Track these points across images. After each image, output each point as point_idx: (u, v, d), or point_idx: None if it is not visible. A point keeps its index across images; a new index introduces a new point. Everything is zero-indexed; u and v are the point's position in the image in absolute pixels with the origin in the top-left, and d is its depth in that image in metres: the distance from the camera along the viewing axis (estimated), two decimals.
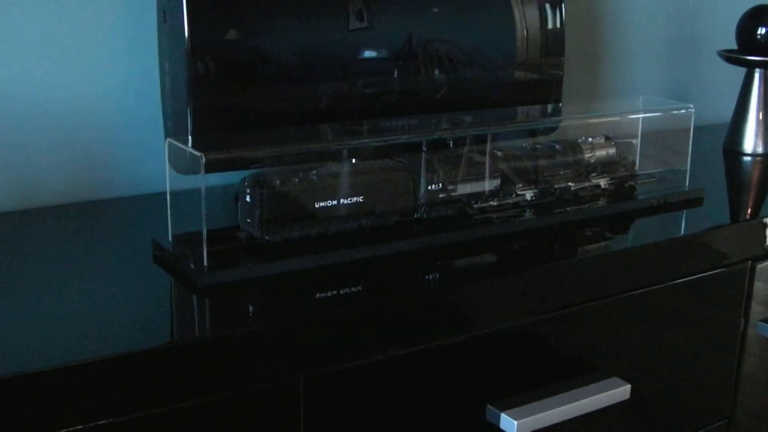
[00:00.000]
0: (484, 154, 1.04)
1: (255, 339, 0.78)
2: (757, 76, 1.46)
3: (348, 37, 1.11)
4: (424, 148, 0.99)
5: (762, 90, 1.46)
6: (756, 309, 1.15)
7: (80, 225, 1.08)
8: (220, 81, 1.01)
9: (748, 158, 1.46)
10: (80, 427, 0.70)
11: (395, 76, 1.14)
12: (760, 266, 1.13)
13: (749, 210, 1.25)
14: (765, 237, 1.14)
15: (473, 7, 1.19)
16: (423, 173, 0.99)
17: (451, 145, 1.02)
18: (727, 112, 1.51)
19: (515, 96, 1.22)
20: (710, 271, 1.09)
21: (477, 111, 1.15)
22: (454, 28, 1.18)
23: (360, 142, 0.98)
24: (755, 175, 1.43)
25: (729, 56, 1.47)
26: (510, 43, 1.21)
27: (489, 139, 1.04)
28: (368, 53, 1.13)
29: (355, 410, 0.85)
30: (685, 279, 1.07)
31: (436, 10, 1.17)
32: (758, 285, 1.14)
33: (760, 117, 1.46)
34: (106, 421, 0.71)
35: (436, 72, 1.16)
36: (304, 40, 1.07)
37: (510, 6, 1.20)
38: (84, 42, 1.12)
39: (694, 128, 1.45)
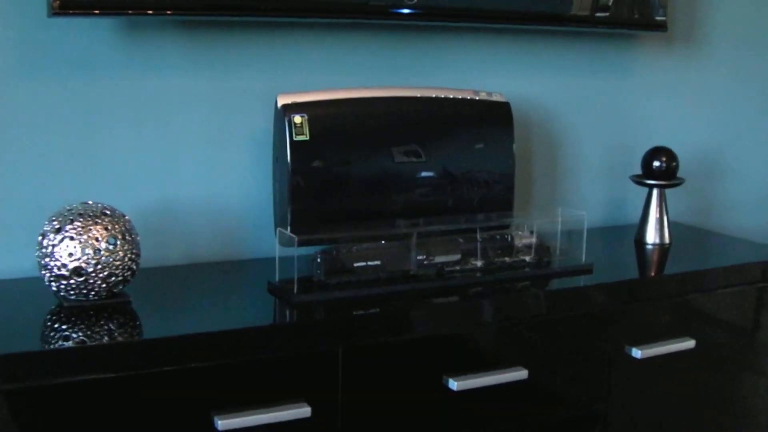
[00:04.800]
0: (453, 240, 1.84)
1: (320, 324, 1.60)
2: (654, 193, 2.23)
3: (393, 166, 1.91)
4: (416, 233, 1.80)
5: (657, 202, 2.22)
6: (621, 334, 1.91)
7: (224, 273, 1.90)
8: (308, 195, 1.82)
9: (649, 246, 2.22)
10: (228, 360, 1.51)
11: (413, 191, 1.94)
12: (625, 308, 1.90)
13: (628, 275, 2.04)
14: (626, 291, 1.91)
15: (466, 150, 1.99)
16: (415, 249, 1.79)
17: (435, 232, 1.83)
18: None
19: (485, 204, 2.01)
20: (590, 310, 1.87)
21: (459, 214, 1.94)
22: (456, 164, 1.97)
23: (378, 232, 1.79)
24: (646, 256, 2.19)
25: (636, 180, 2.24)
26: (484, 173, 2.00)
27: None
28: (400, 177, 1.93)
29: (373, 369, 1.64)
30: (574, 312, 1.85)
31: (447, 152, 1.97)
32: (625, 319, 1.91)
33: (656, 219, 2.22)
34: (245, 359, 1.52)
35: (440, 189, 1.96)
36: (356, 169, 1.88)
37: (484, 149, 2.00)
38: (231, 168, 1.96)
39: (621, 225, 2.23)
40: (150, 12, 1.72)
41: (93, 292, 1.57)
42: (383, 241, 1.79)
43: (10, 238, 1.79)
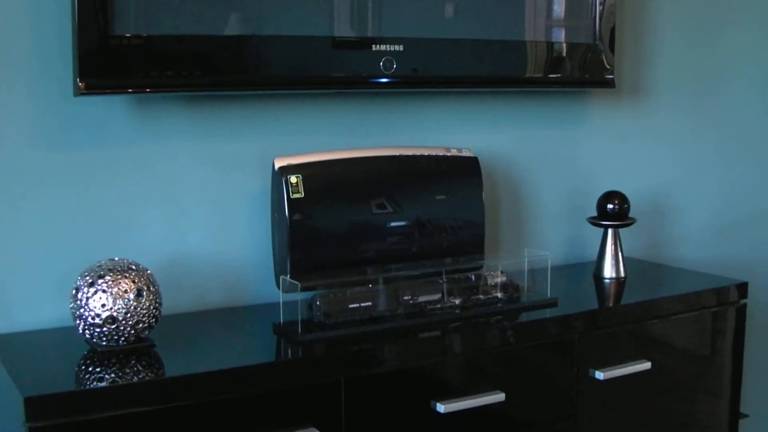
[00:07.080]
0: (434, 282, 2.08)
1: (324, 359, 1.83)
2: (609, 232, 2.48)
3: (377, 218, 2.15)
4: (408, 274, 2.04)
5: (612, 240, 2.47)
6: (584, 358, 2.15)
7: (232, 318, 2.13)
8: (304, 246, 2.05)
9: (607, 280, 2.47)
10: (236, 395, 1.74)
11: (397, 238, 2.18)
12: (587, 335, 2.14)
13: (589, 307, 2.28)
14: (588, 321, 2.16)
15: (440, 201, 2.23)
16: (401, 291, 2.03)
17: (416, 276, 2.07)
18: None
19: (459, 248, 2.25)
20: (556, 338, 2.11)
21: (435, 258, 2.18)
22: (431, 214, 2.21)
23: (368, 277, 2.03)
24: (604, 289, 2.44)
25: (592, 222, 2.49)
26: (457, 221, 2.25)
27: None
28: (385, 226, 2.17)
29: (371, 396, 1.86)
30: (542, 341, 2.09)
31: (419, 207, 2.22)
32: (588, 346, 2.15)
33: (612, 256, 2.47)
34: (259, 392, 1.75)
35: (420, 236, 2.20)
36: (346, 221, 2.11)
37: (457, 200, 2.25)
38: (233, 223, 2.18)
39: (581, 262, 2.47)
40: (165, 89, 1.96)
41: (123, 338, 1.79)
42: (370, 285, 2.03)
43: (39, 293, 2.00)
